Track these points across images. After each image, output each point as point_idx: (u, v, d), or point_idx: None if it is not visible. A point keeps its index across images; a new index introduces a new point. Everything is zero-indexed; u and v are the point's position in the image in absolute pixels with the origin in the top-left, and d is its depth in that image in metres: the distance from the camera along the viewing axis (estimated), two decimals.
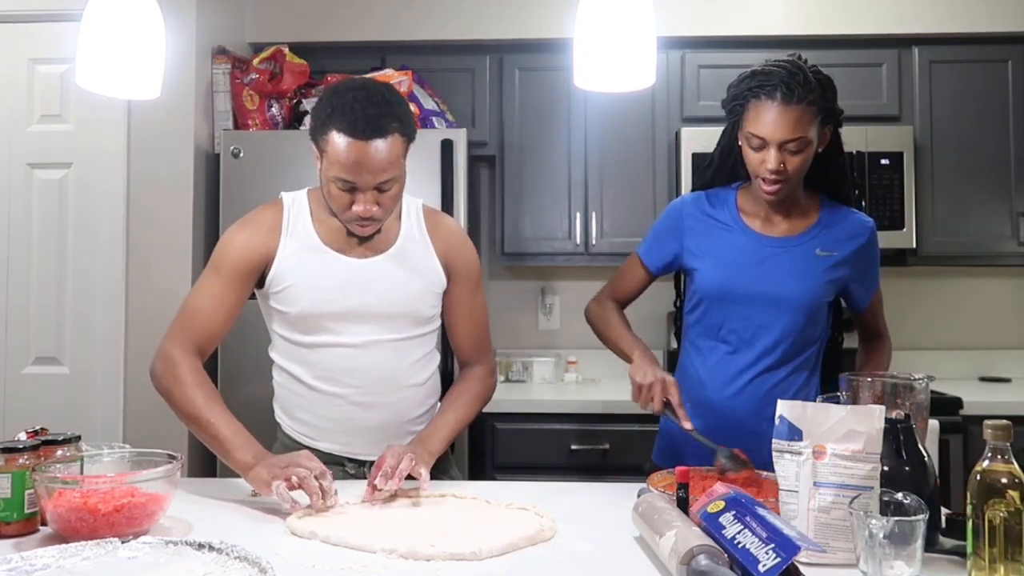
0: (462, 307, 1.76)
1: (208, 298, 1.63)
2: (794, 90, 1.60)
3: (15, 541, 1.26)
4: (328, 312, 1.63)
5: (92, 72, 1.41)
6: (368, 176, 1.52)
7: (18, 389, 2.81)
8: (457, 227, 1.78)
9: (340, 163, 1.52)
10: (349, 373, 1.65)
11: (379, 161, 1.51)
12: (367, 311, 1.64)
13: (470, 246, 1.78)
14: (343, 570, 1.14)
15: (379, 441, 1.61)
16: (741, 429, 1.66)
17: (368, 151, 1.50)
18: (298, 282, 1.63)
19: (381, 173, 1.52)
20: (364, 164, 1.51)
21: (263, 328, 1.73)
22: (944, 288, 3.43)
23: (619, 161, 3.13)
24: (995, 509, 1.00)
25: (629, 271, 1.90)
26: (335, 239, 1.65)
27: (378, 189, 1.54)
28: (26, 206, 2.83)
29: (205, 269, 1.66)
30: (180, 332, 1.63)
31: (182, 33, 2.75)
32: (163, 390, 1.61)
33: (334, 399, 1.67)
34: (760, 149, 1.65)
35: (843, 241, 1.74)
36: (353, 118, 1.50)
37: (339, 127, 1.51)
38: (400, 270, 1.66)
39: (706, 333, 1.79)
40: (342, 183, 1.54)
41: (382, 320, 1.65)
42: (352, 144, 1.50)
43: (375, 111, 1.51)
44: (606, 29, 1.37)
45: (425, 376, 1.74)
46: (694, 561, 1.04)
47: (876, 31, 3.11)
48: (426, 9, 3.19)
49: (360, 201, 1.54)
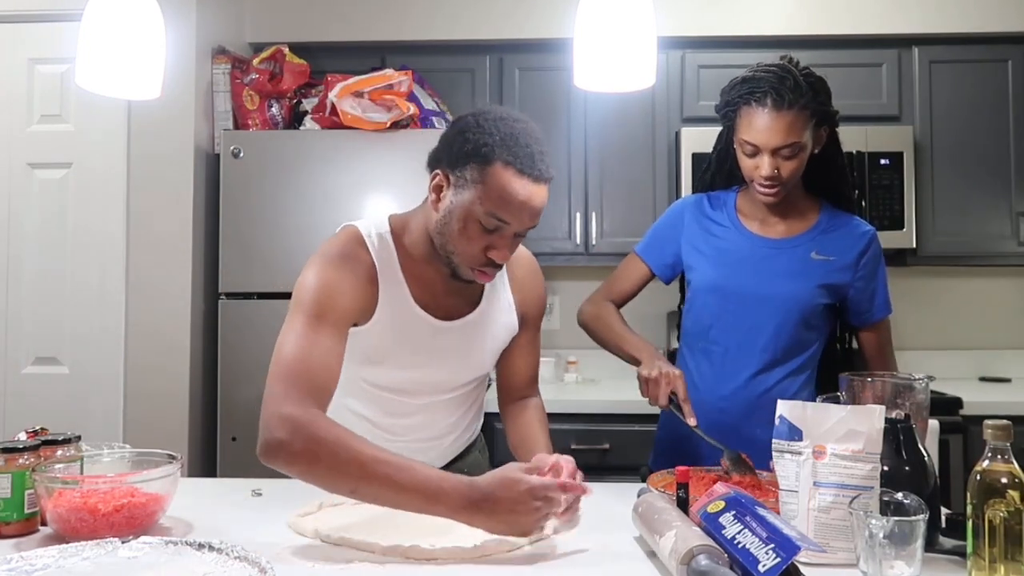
0: (523, 347, 1.64)
1: (319, 350, 1.34)
2: (784, 96, 1.59)
3: (15, 541, 1.26)
4: (407, 377, 1.52)
5: (92, 72, 1.41)
6: (528, 221, 1.37)
7: (18, 389, 2.81)
8: (533, 267, 1.63)
9: (505, 200, 1.33)
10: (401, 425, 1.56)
11: (542, 206, 1.38)
12: (442, 375, 1.54)
13: (543, 287, 1.64)
14: (343, 570, 1.14)
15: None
16: (734, 433, 1.66)
17: (539, 194, 1.36)
18: (387, 344, 1.47)
19: (536, 218, 1.38)
20: (531, 207, 1.35)
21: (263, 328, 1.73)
22: (944, 288, 3.43)
23: (619, 161, 3.13)
24: (995, 509, 1.00)
25: (627, 270, 1.88)
26: (426, 298, 1.48)
27: (517, 235, 1.40)
28: (26, 206, 2.83)
29: (300, 314, 1.38)
30: (293, 390, 1.29)
31: (182, 33, 2.75)
32: (303, 460, 1.24)
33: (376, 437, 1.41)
34: (754, 156, 1.65)
35: (841, 246, 1.73)
36: (530, 155, 1.35)
37: (511, 160, 1.33)
38: (480, 335, 1.54)
39: (701, 334, 1.78)
40: (495, 222, 1.35)
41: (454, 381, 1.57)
42: (526, 183, 1.34)
43: (542, 150, 1.37)
44: (606, 29, 1.37)
45: (471, 417, 1.67)
46: (694, 561, 1.04)
47: (876, 31, 3.11)
48: (426, 9, 3.19)
49: (504, 247, 1.38)
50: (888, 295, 1.78)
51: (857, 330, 1.82)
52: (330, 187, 2.78)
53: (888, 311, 1.79)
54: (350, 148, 2.79)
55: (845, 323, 1.83)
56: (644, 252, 1.87)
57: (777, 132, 1.61)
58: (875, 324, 1.79)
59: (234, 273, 2.79)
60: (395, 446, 1.32)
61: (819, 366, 1.78)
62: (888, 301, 1.79)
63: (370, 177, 2.78)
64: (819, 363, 1.79)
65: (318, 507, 1.40)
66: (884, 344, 1.81)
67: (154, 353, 2.77)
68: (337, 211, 2.77)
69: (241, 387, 2.75)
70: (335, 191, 2.77)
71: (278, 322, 1.43)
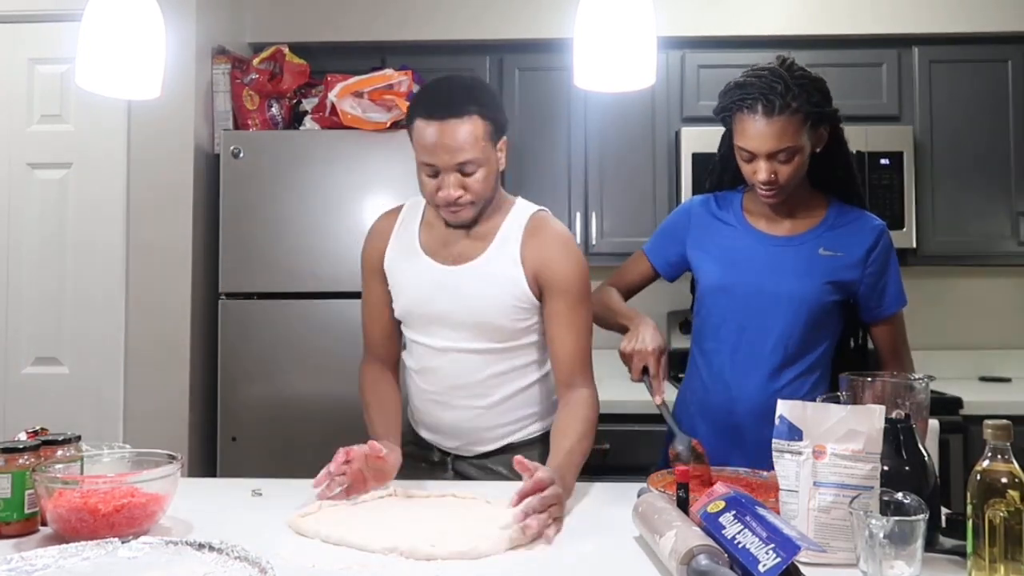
0: (559, 322, 1.66)
1: (367, 308, 1.80)
2: (774, 101, 1.58)
3: (15, 541, 1.26)
4: (419, 314, 1.71)
5: (92, 72, 1.41)
6: (446, 156, 1.55)
7: (18, 389, 2.81)
8: (557, 239, 1.68)
9: (422, 146, 1.57)
10: (432, 372, 1.72)
11: (456, 141, 1.54)
12: (449, 319, 1.67)
13: (570, 259, 1.67)
14: (343, 570, 1.14)
15: (457, 438, 1.73)
16: (744, 434, 1.66)
17: (444, 130, 1.54)
18: (397, 282, 1.73)
19: (458, 153, 1.55)
20: (441, 144, 1.54)
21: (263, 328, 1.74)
22: (944, 288, 3.43)
23: (619, 161, 3.13)
24: (995, 509, 1.00)
25: (632, 264, 1.91)
26: (433, 244, 1.70)
27: (462, 173, 1.57)
28: (26, 206, 2.83)
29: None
30: (365, 349, 1.82)
31: (182, 33, 2.75)
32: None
33: (423, 392, 1.75)
34: (750, 161, 1.66)
35: (850, 242, 1.72)
36: (430, 101, 1.58)
37: (419, 113, 1.58)
38: (479, 280, 1.65)
39: (710, 334, 1.78)
40: (427, 168, 1.59)
41: (463, 329, 1.67)
42: (429, 125, 1.55)
43: (451, 94, 1.58)
44: (606, 29, 1.37)
45: (506, 392, 1.70)
46: (694, 561, 1.04)
47: (876, 31, 3.11)
48: (426, 9, 3.19)
49: (444, 185, 1.58)
50: (902, 288, 1.76)
51: (869, 326, 1.79)
52: (330, 187, 2.78)
53: (901, 304, 1.76)
54: (350, 148, 2.79)
55: (858, 320, 1.80)
56: (649, 249, 1.89)
57: (769, 138, 1.60)
58: (888, 319, 1.76)
59: (234, 273, 2.79)
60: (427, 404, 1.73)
61: (833, 367, 1.76)
62: (902, 294, 1.76)
63: (370, 177, 2.77)
64: (833, 364, 1.77)
65: (318, 507, 1.40)
66: (898, 339, 1.78)
67: (154, 353, 2.77)
68: (337, 211, 2.77)
69: (241, 387, 2.75)
70: (335, 191, 2.77)
71: (278, 322, 1.44)
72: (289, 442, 2.71)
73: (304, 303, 2.76)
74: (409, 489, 1.52)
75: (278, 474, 1.72)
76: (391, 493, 1.50)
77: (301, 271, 2.76)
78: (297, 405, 2.73)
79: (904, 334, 1.80)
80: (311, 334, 2.74)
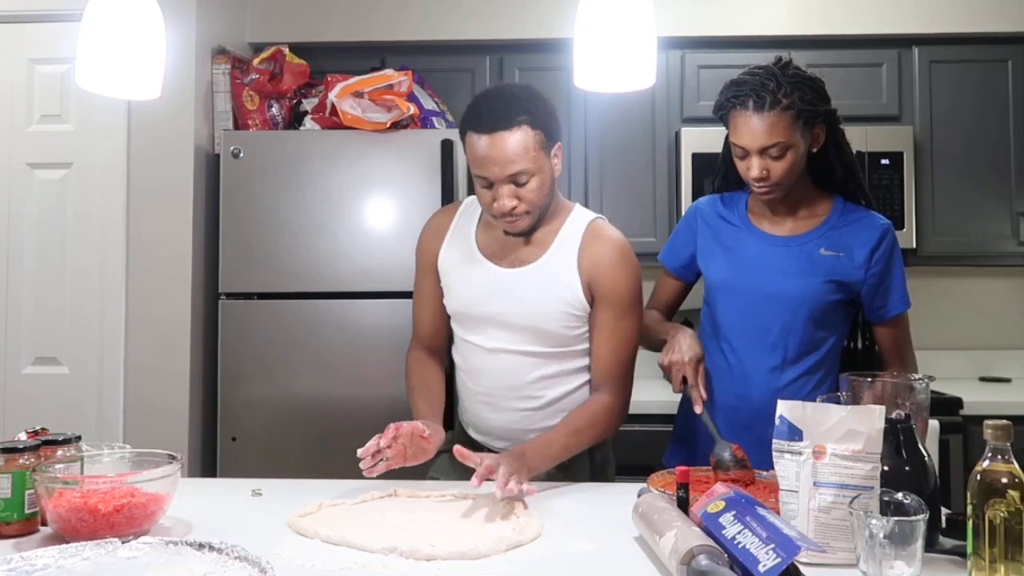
0: (602, 331, 1.69)
1: (419, 299, 1.84)
2: (764, 97, 1.61)
3: (15, 541, 1.26)
4: (471, 314, 1.73)
5: (92, 72, 1.41)
6: (496, 168, 1.58)
7: (18, 389, 2.81)
8: (613, 248, 1.70)
9: (473, 159, 1.61)
10: (481, 372, 1.74)
11: (506, 153, 1.56)
12: (501, 320, 1.69)
13: (624, 270, 1.69)
14: (343, 570, 1.14)
15: (505, 439, 1.73)
16: (749, 432, 1.66)
17: (494, 143, 1.57)
18: (452, 282, 1.75)
19: (508, 165, 1.57)
20: (491, 157, 1.57)
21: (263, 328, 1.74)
22: (944, 288, 3.43)
23: (619, 161, 3.13)
24: (995, 509, 1.00)
25: (660, 280, 1.94)
26: (491, 247, 1.73)
27: (514, 183, 1.60)
28: (26, 206, 2.83)
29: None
30: (413, 337, 1.86)
31: (182, 33, 2.75)
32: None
33: (471, 393, 1.77)
34: (744, 158, 1.68)
35: (852, 242, 1.72)
36: (479, 115, 1.60)
37: (470, 126, 1.61)
38: (536, 285, 1.68)
39: (715, 333, 1.79)
40: (480, 180, 1.62)
41: (515, 330, 1.69)
42: (479, 138, 1.58)
43: (499, 106, 1.60)
44: (606, 29, 1.37)
45: (554, 395, 1.72)
46: (694, 561, 1.04)
47: (876, 31, 3.11)
48: (426, 9, 3.19)
49: (499, 196, 1.60)
50: (905, 290, 1.76)
51: (873, 326, 1.80)
52: (330, 187, 2.78)
53: (905, 306, 1.76)
54: (350, 148, 2.79)
55: (863, 320, 1.81)
56: (664, 258, 1.92)
57: (760, 133, 1.62)
58: (891, 320, 1.76)
59: (234, 273, 2.79)
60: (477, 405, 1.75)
61: (842, 366, 1.77)
62: (905, 296, 1.76)
63: (370, 177, 2.77)
64: (841, 362, 1.77)
65: (318, 507, 1.40)
66: (901, 341, 1.78)
67: (154, 353, 2.76)
68: (337, 211, 2.77)
69: (241, 387, 2.75)
70: (335, 191, 2.77)
71: (278, 322, 1.44)
72: (289, 442, 2.71)
73: (304, 303, 2.75)
74: (409, 489, 1.52)
75: (278, 474, 1.72)
76: (391, 493, 1.50)
77: (301, 271, 2.76)
78: (297, 405, 2.73)
79: (908, 336, 1.80)
80: (311, 334, 2.74)
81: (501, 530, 1.27)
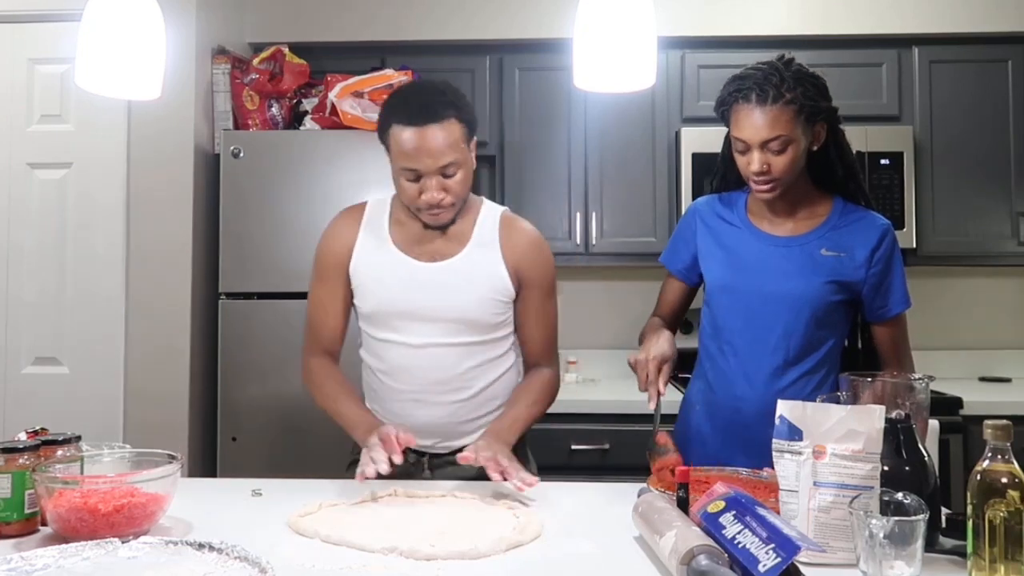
0: (532, 313, 1.77)
1: (316, 306, 1.79)
2: (767, 91, 1.61)
3: (15, 541, 1.26)
4: (392, 311, 1.71)
5: (92, 72, 1.41)
6: (429, 160, 1.59)
7: (18, 389, 2.81)
8: (532, 235, 1.77)
9: (402, 152, 1.60)
10: (407, 371, 1.73)
11: (438, 145, 1.58)
12: (428, 314, 1.70)
13: (544, 254, 1.78)
14: (343, 570, 1.14)
15: (432, 435, 1.73)
16: (750, 433, 1.65)
17: (426, 136, 1.58)
18: (367, 280, 1.73)
19: (441, 156, 1.59)
20: (424, 149, 1.58)
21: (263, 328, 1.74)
22: (944, 288, 3.43)
23: (619, 161, 3.13)
24: (995, 509, 1.00)
25: (664, 284, 1.92)
26: (407, 242, 1.73)
27: (443, 175, 1.61)
28: (26, 206, 2.83)
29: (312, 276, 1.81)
30: (309, 343, 1.81)
31: (182, 33, 2.75)
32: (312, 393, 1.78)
33: (395, 393, 1.75)
34: (745, 152, 1.67)
35: (852, 242, 1.71)
36: (408, 108, 1.60)
37: (397, 119, 1.60)
38: (463, 277, 1.70)
39: (715, 334, 1.79)
40: (408, 173, 1.61)
41: (442, 324, 1.70)
42: (410, 131, 1.58)
43: (428, 99, 1.61)
44: (606, 29, 1.37)
45: (483, 383, 1.75)
46: (694, 561, 1.04)
47: (876, 31, 3.11)
48: (426, 9, 3.19)
49: (427, 188, 1.61)
50: (905, 290, 1.75)
51: (871, 325, 1.79)
52: (330, 187, 2.78)
53: (905, 306, 1.76)
54: (350, 148, 2.79)
55: (862, 320, 1.80)
56: (665, 260, 1.90)
57: (762, 127, 1.62)
58: (890, 320, 1.76)
59: (234, 273, 2.79)
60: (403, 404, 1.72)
61: (843, 365, 1.76)
62: (906, 296, 1.75)
63: (370, 177, 2.77)
64: (842, 362, 1.77)
65: (318, 507, 1.40)
66: (899, 340, 1.78)
67: (154, 353, 2.77)
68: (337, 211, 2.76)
69: (241, 387, 2.76)
70: (335, 191, 2.77)
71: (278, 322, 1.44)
72: (289, 442, 2.71)
73: (304, 303, 2.74)
74: (409, 489, 1.52)
75: (278, 474, 1.72)
76: (391, 493, 1.50)
77: (301, 271, 2.74)
78: (297, 405, 2.72)
79: (906, 335, 1.80)
80: None
81: (501, 530, 1.27)
